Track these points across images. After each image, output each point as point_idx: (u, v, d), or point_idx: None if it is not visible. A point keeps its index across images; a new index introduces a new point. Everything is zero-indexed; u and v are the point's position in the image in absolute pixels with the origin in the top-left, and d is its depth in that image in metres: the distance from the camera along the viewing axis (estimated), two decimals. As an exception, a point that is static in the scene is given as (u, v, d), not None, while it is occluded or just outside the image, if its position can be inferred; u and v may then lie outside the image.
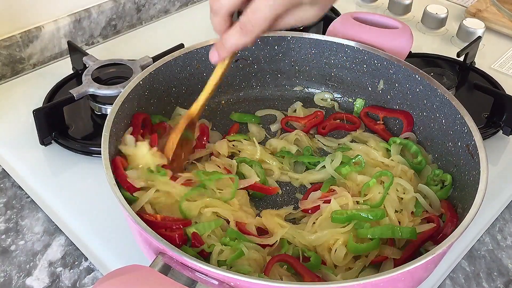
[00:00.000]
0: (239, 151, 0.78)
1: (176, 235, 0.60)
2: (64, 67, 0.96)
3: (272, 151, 0.79)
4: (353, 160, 0.74)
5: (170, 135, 0.72)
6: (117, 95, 0.71)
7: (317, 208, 0.69)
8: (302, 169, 0.78)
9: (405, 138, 0.79)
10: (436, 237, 0.64)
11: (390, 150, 0.77)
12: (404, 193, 0.70)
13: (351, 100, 0.88)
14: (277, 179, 0.76)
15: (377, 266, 0.63)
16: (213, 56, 0.68)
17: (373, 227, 0.64)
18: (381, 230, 0.63)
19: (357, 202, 0.69)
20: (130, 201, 0.63)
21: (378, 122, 0.84)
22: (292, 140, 0.80)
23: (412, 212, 0.69)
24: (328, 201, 0.68)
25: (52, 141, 0.82)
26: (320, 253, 0.64)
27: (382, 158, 0.76)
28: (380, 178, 0.71)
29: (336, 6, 1.17)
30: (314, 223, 0.67)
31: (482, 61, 1.04)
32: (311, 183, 0.75)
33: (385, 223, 0.66)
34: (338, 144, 0.81)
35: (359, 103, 0.86)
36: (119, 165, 0.65)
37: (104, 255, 0.68)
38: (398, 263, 0.62)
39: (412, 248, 0.64)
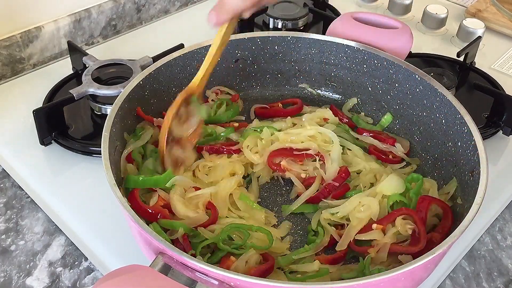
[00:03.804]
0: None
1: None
2: (64, 67, 0.96)
3: None
4: None
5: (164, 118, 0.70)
6: (117, 95, 0.72)
7: None
8: None
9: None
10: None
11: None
12: None
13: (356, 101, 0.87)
14: None
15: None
16: (211, 19, 0.66)
17: None
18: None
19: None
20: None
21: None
22: None
23: None
24: None
25: (52, 141, 0.82)
26: None
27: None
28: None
29: (336, 6, 1.18)
30: None
31: (482, 61, 1.04)
32: None
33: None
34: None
35: (386, 118, 0.84)
36: (137, 198, 0.66)
37: (104, 255, 0.68)
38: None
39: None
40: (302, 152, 0.75)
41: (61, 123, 0.82)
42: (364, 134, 0.81)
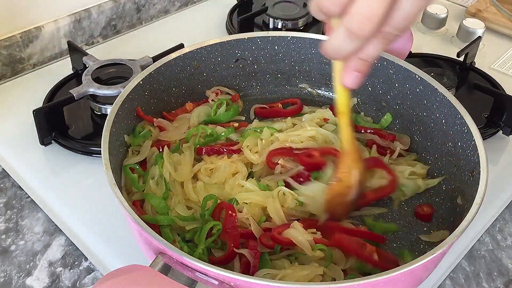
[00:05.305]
0: None
1: None
2: (64, 67, 0.96)
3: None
4: None
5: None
6: (117, 95, 0.71)
7: None
8: None
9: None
10: None
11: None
12: None
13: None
14: None
15: None
16: (353, 78, 0.50)
17: None
18: None
19: None
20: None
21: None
22: None
23: None
24: None
25: (52, 141, 0.82)
26: None
27: None
28: None
29: (336, 6, 1.17)
30: None
31: (482, 61, 1.04)
32: None
33: None
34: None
35: (386, 119, 0.84)
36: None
37: (104, 255, 0.68)
38: None
39: None
40: (302, 152, 0.75)
41: (61, 123, 0.82)
42: (362, 131, 0.81)
